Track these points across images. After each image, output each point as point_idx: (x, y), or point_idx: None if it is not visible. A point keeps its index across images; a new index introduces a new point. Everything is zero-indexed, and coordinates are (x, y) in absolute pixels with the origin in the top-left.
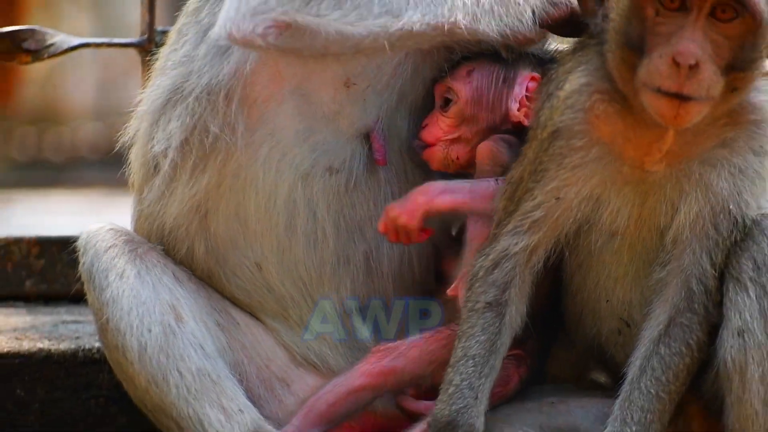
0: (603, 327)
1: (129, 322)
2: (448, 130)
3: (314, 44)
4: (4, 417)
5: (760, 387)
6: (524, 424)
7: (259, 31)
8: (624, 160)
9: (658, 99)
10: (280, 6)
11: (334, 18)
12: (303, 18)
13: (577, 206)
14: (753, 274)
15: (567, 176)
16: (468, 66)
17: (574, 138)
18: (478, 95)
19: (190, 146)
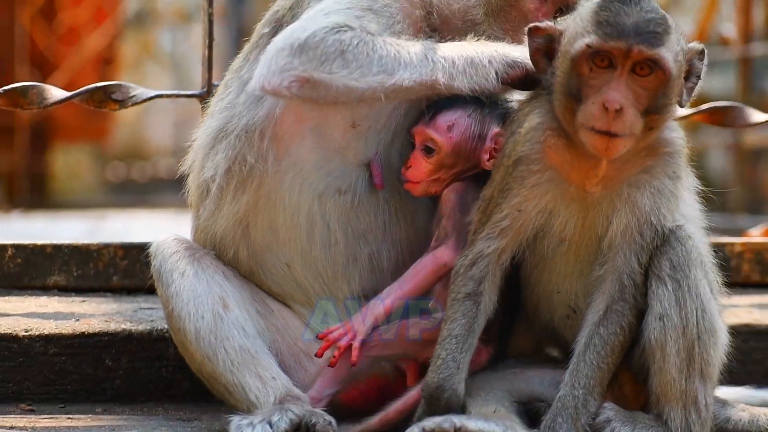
0: (555, 313)
1: (188, 310)
2: (430, 173)
3: (327, 95)
4: (96, 382)
5: (676, 359)
6: (494, 388)
7: (285, 84)
8: (570, 182)
9: (592, 136)
10: (301, 66)
11: (342, 75)
12: (319, 75)
13: (535, 217)
14: (670, 271)
15: (527, 193)
16: (448, 121)
17: (532, 164)
18: (457, 149)
19: (233, 173)
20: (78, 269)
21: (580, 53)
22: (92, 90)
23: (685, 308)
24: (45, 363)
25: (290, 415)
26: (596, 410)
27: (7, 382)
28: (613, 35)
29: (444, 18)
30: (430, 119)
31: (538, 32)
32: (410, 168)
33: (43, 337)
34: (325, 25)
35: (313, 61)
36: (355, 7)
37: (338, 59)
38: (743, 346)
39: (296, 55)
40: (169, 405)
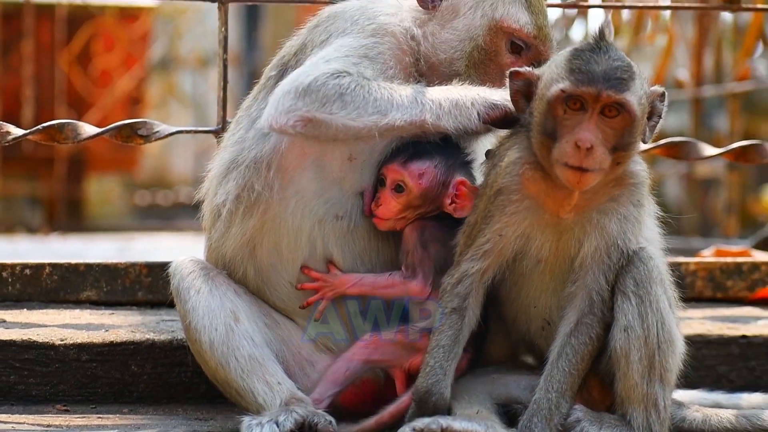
0: (531, 325)
1: (203, 323)
2: (397, 211)
3: (327, 133)
4: (123, 385)
5: (638, 366)
6: (476, 391)
7: (291, 123)
8: (546, 210)
9: (566, 171)
10: (305, 107)
11: (341, 115)
12: (320, 115)
13: (514, 241)
14: (634, 288)
15: (507, 220)
16: (420, 169)
17: (512, 194)
18: (425, 193)
19: (241, 199)
20: (107, 285)
21: (555, 97)
22: (120, 126)
23: (647, 321)
24: (78, 368)
25: (295, 416)
26: (567, 411)
27: (45, 385)
28: (584, 81)
29: (431, 65)
30: (403, 162)
31: (518, 76)
32: (380, 206)
33: (77, 346)
34: (326, 70)
35: (315, 103)
36: (352, 55)
37: (337, 101)
38: (697, 354)
39: (300, 97)
40: (187, 406)
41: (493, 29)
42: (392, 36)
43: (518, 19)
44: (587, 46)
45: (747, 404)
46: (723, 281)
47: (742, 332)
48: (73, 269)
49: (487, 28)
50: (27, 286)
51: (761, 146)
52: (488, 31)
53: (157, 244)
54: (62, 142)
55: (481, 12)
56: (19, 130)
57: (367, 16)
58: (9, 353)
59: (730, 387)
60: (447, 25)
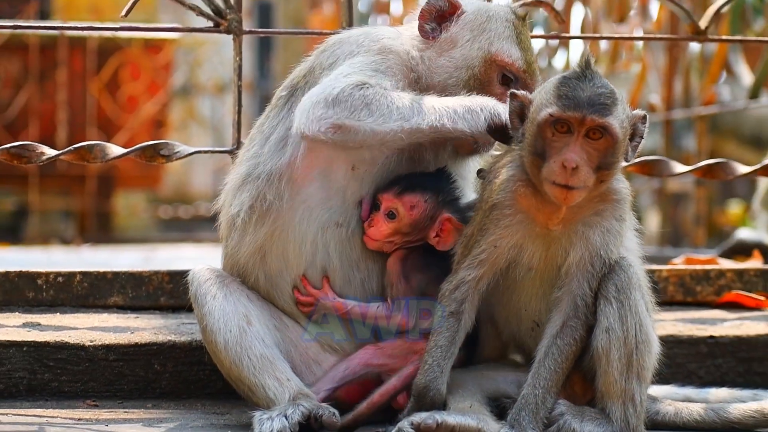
0: (522, 326)
1: (218, 326)
2: (387, 235)
3: (356, 138)
4: (147, 382)
5: (618, 364)
6: (469, 387)
7: (323, 130)
8: (536, 223)
9: (554, 188)
10: (335, 115)
11: (368, 122)
12: (349, 122)
13: (508, 251)
14: (615, 293)
15: (501, 232)
16: (412, 201)
17: (505, 209)
18: (414, 223)
19: (254, 209)
20: (133, 291)
21: (544, 120)
22: (144, 147)
23: (627, 323)
24: (106, 367)
25: (302, 409)
26: (552, 405)
27: (76, 383)
28: (570, 106)
29: (428, 85)
30: (398, 193)
31: (515, 98)
32: (372, 227)
33: (105, 346)
34: (349, 83)
35: (345, 111)
36: (366, 69)
37: (364, 109)
38: (669, 353)
39: (330, 106)
40: (206, 401)
41: (488, 61)
42: (396, 54)
43: (511, 55)
44: (574, 74)
45: (714, 398)
46: (692, 287)
47: (710, 333)
48: (101, 277)
49: (482, 60)
50: (60, 293)
51: (726, 164)
52: (483, 62)
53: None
54: (91, 161)
55: (478, 45)
56: (52, 151)
57: (371, 39)
58: (43, 353)
59: (699, 383)
60: (444, 53)
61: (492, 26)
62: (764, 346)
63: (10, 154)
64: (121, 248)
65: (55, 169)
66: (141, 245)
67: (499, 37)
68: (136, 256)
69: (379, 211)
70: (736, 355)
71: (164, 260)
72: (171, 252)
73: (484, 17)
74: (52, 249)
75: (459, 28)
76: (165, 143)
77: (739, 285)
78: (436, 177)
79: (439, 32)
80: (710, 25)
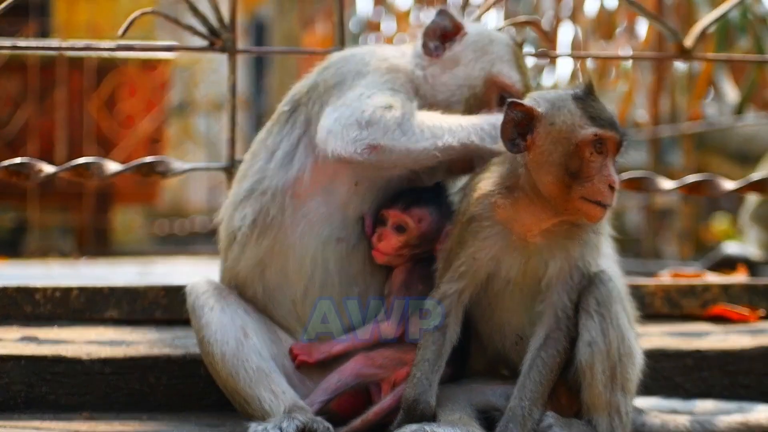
0: (506, 340)
1: (216, 338)
2: (397, 249)
3: (391, 158)
4: (142, 395)
5: (602, 377)
6: (458, 399)
7: (359, 151)
8: (515, 235)
9: (592, 206)
10: (371, 136)
11: (402, 141)
12: (385, 142)
13: (487, 263)
14: (596, 307)
15: (480, 244)
16: (420, 214)
17: (484, 221)
18: (423, 236)
19: (257, 223)
20: (128, 306)
21: (586, 140)
22: (140, 164)
23: (609, 336)
24: (102, 380)
25: (296, 422)
26: (540, 417)
27: (73, 395)
28: (607, 127)
29: (432, 103)
30: (404, 208)
31: (518, 107)
32: (382, 241)
33: (101, 360)
34: (377, 104)
35: (379, 132)
36: (385, 89)
37: (397, 129)
38: (656, 366)
39: (365, 128)
40: (200, 413)
41: (489, 81)
42: (404, 72)
43: (511, 77)
44: (587, 95)
45: (700, 410)
46: (678, 300)
47: (696, 346)
48: (98, 291)
49: (483, 80)
50: (57, 307)
51: (711, 180)
52: (484, 83)
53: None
54: (89, 178)
55: (480, 65)
56: (50, 168)
57: (378, 58)
58: (41, 367)
59: (685, 395)
60: (447, 71)
61: (494, 49)
62: (749, 359)
63: (9, 172)
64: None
65: (53, 186)
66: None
67: (500, 59)
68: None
69: (385, 226)
70: (721, 368)
71: (160, 275)
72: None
73: (487, 40)
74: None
75: (462, 48)
76: (161, 160)
77: (724, 299)
78: (435, 191)
79: (442, 51)
80: (696, 44)
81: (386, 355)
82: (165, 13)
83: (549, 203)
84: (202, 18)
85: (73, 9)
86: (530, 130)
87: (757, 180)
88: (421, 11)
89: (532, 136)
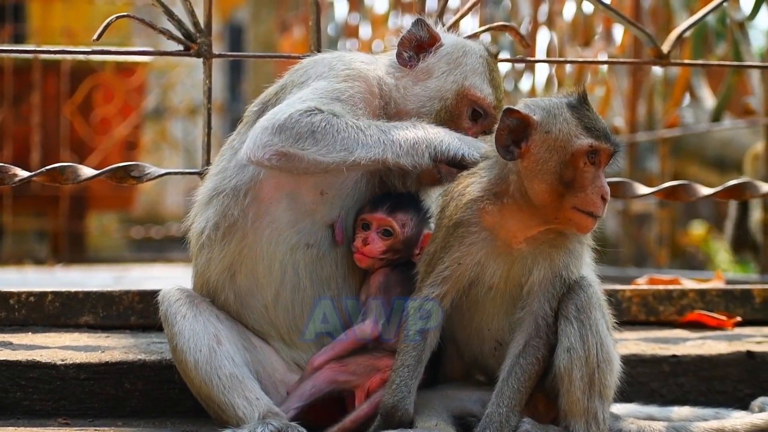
0: (485, 346)
1: (188, 345)
2: (382, 252)
3: (299, 166)
4: (118, 401)
5: (580, 383)
6: (435, 406)
7: (267, 157)
8: (499, 240)
9: (583, 217)
10: (280, 142)
11: (312, 151)
12: (293, 150)
13: (471, 268)
14: (575, 313)
15: (465, 249)
16: (404, 219)
17: (471, 227)
18: (407, 240)
19: (219, 226)
20: (103, 311)
21: (581, 150)
22: (115, 169)
23: (588, 342)
24: (77, 386)
25: (271, 428)
26: (517, 424)
27: (48, 401)
28: (602, 138)
29: (399, 110)
30: (389, 211)
31: (513, 115)
32: (368, 245)
33: (76, 365)
34: (300, 108)
35: (290, 139)
36: (325, 96)
37: (309, 138)
38: (632, 372)
39: (276, 133)
40: (175, 419)
41: (461, 95)
42: (364, 81)
43: (482, 90)
44: (581, 105)
45: (677, 417)
46: (655, 306)
47: (672, 352)
48: (72, 296)
49: (455, 93)
50: (32, 312)
51: (688, 186)
52: (456, 96)
53: (149, 274)
54: (63, 183)
55: (453, 78)
56: (25, 172)
57: (343, 63)
58: (15, 372)
59: (662, 401)
60: (420, 82)
61: (467, 61)
62: (726, 365)
63: None
64: (93, 268)
65: (28, 191)
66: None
67: (473, 72)
68: (108, 275)
69: (369, 230)
70: (698, 373)
71: (135, 280)
72: (142, 272)
73: (461, 52)
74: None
75: (436, 60)
76: (136, 165)
77: (701, 305)
78: (412, 196)
79: (416, 61)
80: (673, 50)
81: (360, 362)
82: (140, 17)
83: (538, 211)
84: (177, 22)
85: (48, 14)
86: (525, 138)
87: (733, 185)
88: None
89: (527, 143)
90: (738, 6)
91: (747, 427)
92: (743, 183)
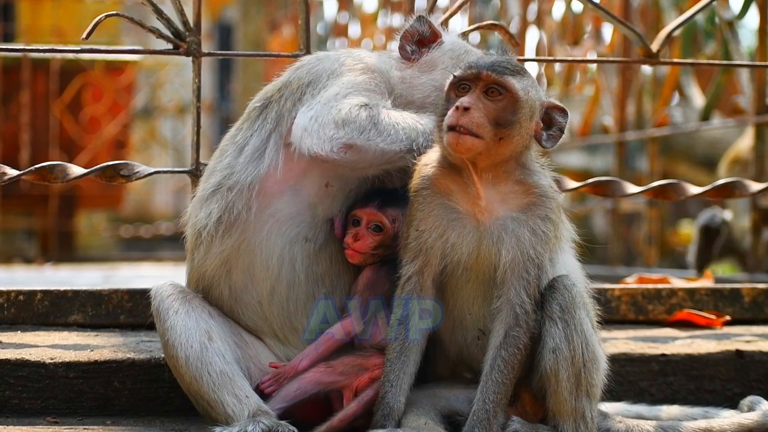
0: (468, 335)
1: (180, 341)
2: (373, 247)
3: (366, 158)
4: (107, 399)
5: (567, 383)
6: (423, 405)
7: (335, 150)
8: (461, 210)
9: (447, 135)
10: (347, 135)
11: (377, 142)
12: (360, 142)
13: (435, 240)
14: (560, 313)
15: (423, 216)
16: (394, 214)
17: (424, 191)
18: (397, 235)
19: (222, 220)
20: (93, 310)
21: (449, 84)
22: (104, 168)
23: (573, 342)
24: (66, 384)
25: (261, 426)
26: (504, 420)
27: (37, 399)
28: (470, 68)
29: (406, 102)
30: (379, 207)
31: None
32: (358, 241)
33: (65, 364)
34: (353, 103)
35: (355, 132)
36: (360, 90)
37: (373, 129)
38: (621, 371)
39: (341, 127)
40: (164, 418)
41: None
42: (378, 73)
43: None
44: None
45: (666, 416)
46: (644, 305)
47: (662, 351)
48: (62, 295)
49: None
50: (21, 311)
51: (677, 185)
52: None
53: (138, 273)
54: (52, 181)
55: None
56: (14, 171)
57: (354, 58)
58: (4, 371)
59: (651, 400)
60: (425, 74)
61: (470, 58)
62: (714, 364)
63: None
64: (82, 267)
65: (18, 190)
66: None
67: None
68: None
69: (359, 226)
70: (687, 372)
71: (124, 279)
72: (131, 271)
73: (463, 50)
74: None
75: (440, 54)
76: (125, 164)
77: (690, 304)
78: (399, 193)
79: (418, 55)
80: (662, 49)
81: (347, 362)
82: (130, 16)
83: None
84: (166, 21)
85: (37, 13)
86: None
87: (722, 184)
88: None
89: None
90: (727, 5)
91: (734, 427)
92: (732, 182)
